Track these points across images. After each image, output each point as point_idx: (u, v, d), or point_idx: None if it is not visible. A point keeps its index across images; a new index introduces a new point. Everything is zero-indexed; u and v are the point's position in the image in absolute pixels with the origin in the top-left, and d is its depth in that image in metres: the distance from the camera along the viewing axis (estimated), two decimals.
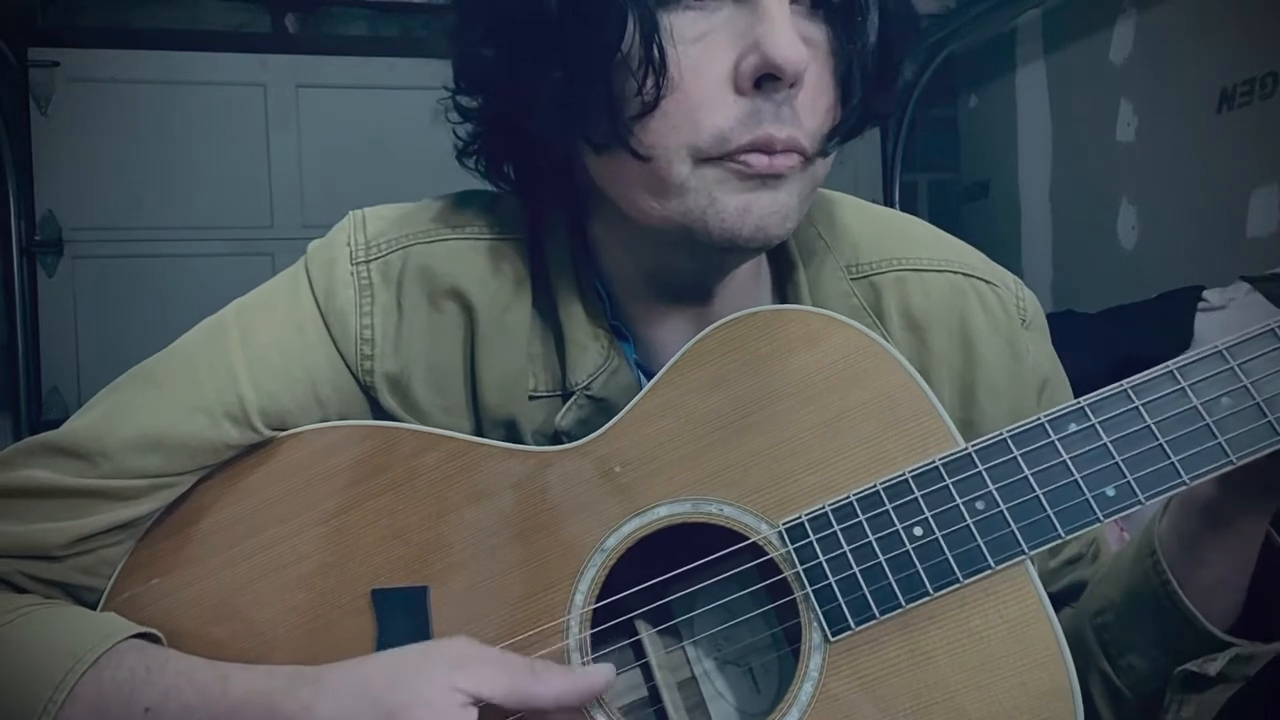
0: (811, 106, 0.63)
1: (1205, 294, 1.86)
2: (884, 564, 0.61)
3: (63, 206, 2.46)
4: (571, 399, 0.71)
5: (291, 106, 2.62)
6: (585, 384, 0.70)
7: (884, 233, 0.78)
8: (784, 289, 0.76)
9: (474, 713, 0.58)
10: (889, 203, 2.90)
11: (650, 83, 0.60)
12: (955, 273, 0.76)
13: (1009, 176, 2.73)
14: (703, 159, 0.62)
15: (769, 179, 0.62)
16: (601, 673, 0.61)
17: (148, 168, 2.51)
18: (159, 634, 0.66)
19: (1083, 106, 2.45)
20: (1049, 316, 0.80)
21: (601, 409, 0.70)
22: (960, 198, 2.98)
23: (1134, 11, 2.27)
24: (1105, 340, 1.91)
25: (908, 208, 2.92)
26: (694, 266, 0.70)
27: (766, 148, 0.61)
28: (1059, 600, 0.78)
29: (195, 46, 2.53)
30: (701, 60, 0.61)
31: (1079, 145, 2.48)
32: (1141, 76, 2.26)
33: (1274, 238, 1.91)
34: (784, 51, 0.59)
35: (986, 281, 0.77)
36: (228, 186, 2.57)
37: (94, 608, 0.68)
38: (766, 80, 0.61)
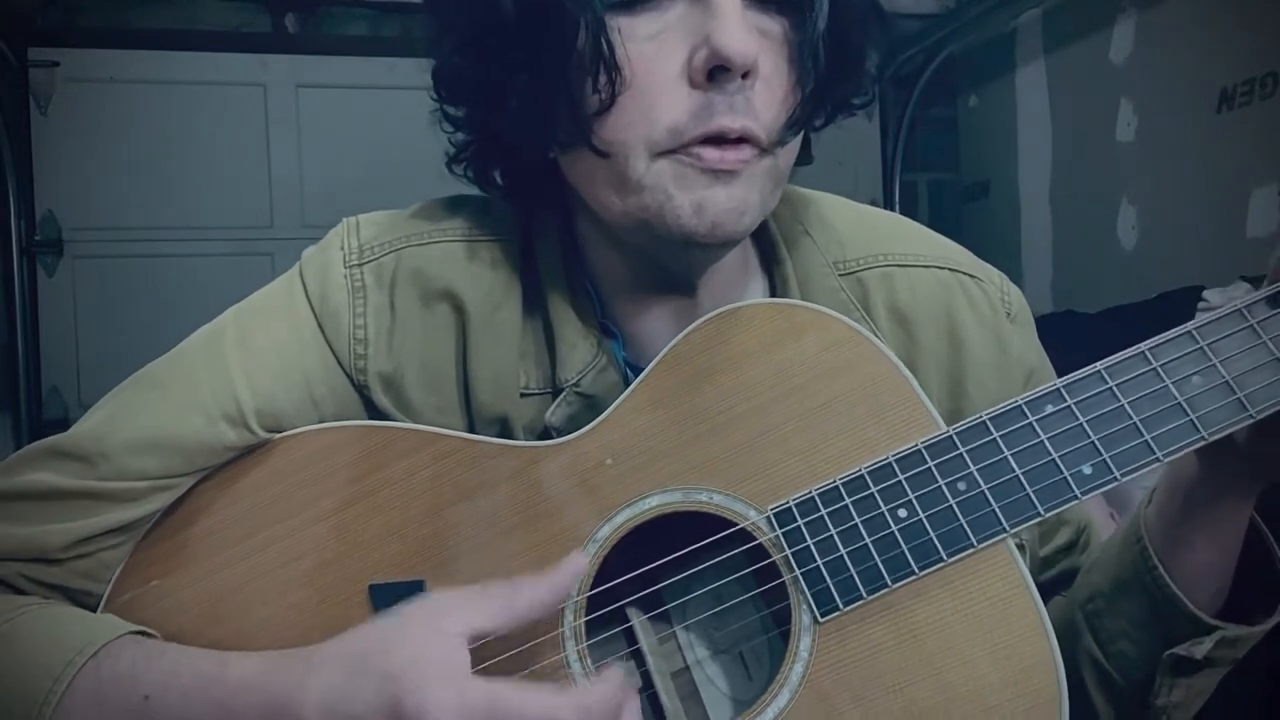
0: (768, 97, 0.64)
1: (1205, 294, 1.86)
2: (870, 545, 0.62)
3: (63, 206, 2.47)
4: (561, 396, 0.72)
5: (291, 106, 2.62)
6: (574, 381, 0.71)
7: (870, 230, 0.79)
8: (773, 285, 0.77)
9: (467, 652, 0.58)
10: (889, 202, 2.91)
11: (604, 81, 0.62)
12: (941, 268, 0.77)
13: (1009, 176, 2.74)
14: (659, 152, 0.63)
15: (723, 174, 0.63)
16: (575, 561, 0.63)
17: (148, 168, 2.51)
18: (154, 633, 0.66)
19: (1083, 106, 2.45)
20: (1049, 316, 0.81)
21: (590, 405, 0.71)
22: (960, 198, 2.99)
23: (1134, 11, 2.27)
24: (1105, 340, 1.90)
25: (908, 208, 2.93)
26: (671, 262, 0.71)
27: (719, 139, 0.62)
28: (1051, 588, 0.79)
29: (195, 46, 2.54)
30: (655, 57, 0.63)
31: (1079, 145, 2.49)
32: (1141, 76, 2.26)
33: (1274, 238, 1.91)
34: (732, 44, 0.60)
35: (972, 276, 0.78)
36: (228, 186, 2.58)
37: (94, 611, 0.69)
38: (718, 72, 0.62)
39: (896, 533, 0.62)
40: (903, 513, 0.62)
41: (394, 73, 2.61)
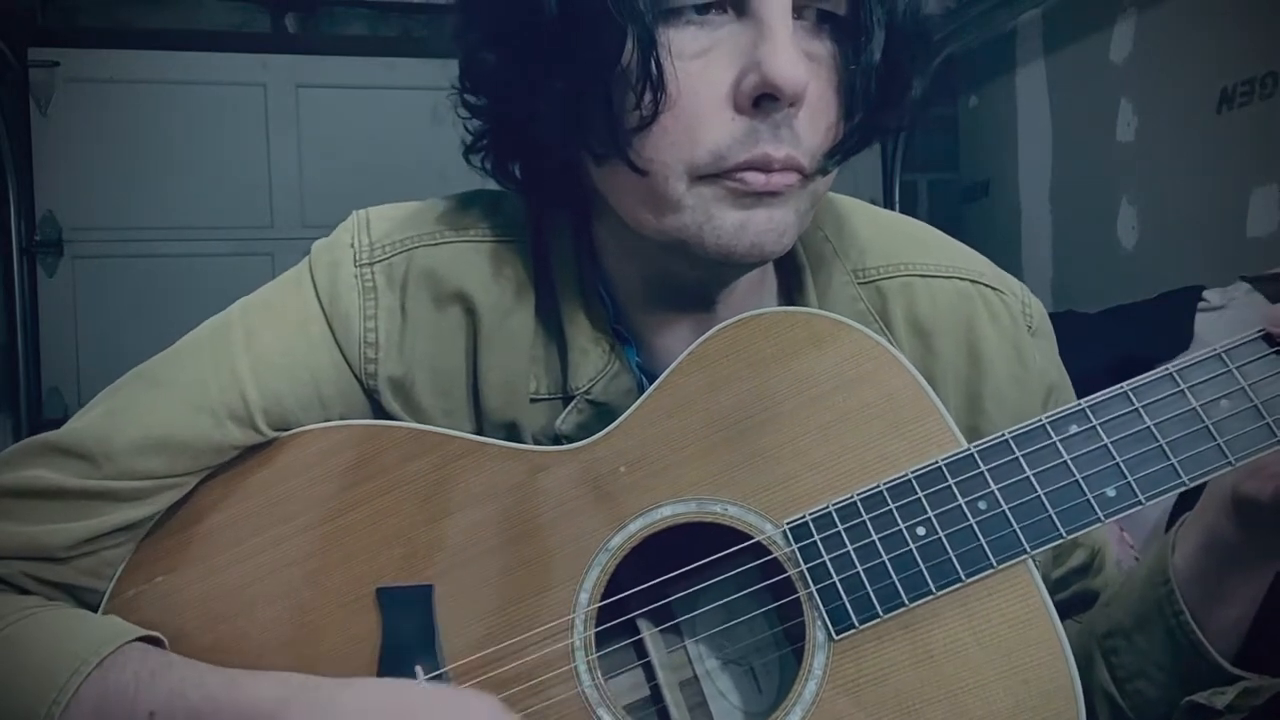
0: (812, 125, 0.62)
1: (1205, 294, 1.85)
2: (887, 563, 0.61)
3: (63, 206, 2.47)
4: (572, 403, 0.70)
5: (291, 106, 2.62)
6: (586, 388, 0.70)
7: (891, 238, 0.77)
8: (791, 294, 0.76)
9: None
10: (889, 202, 2.91)
11: (648, 98, 0.59)
12: (962, 279, 0.75)
13: (1009, 176, 2.73)
14: (699, 176, 0.62)
15: (766, 196, 0.62)
16: None
17: (148, 168, 2.51)
18: (162, 637, 0.66)
19: (1083, 106, 2.45)
20: (1049, 316, 0.80)
21: (601, 413, 0.70)
22: (960, 198, 2.98)
23: (1134, 11, 2.27)
24: (1105, 340, 1.91)
25: (908, 208, 2.93)
26: (695, 275, 0.69)
27: (763, 167, 0.61)
28: (1064, 610, 0.77)
29: (195, 46, 2.53)
30: (701, 77, 0.60)
31: (1079, 145, 2.48)
32: (1141, 76, 2.26)
33: (1274, 238, 1.91)
34: (784, 72, 0.58)
35: (993, 288, 0.76)
36: (228, 186, 2.58)
37: (96, 609, 0.68)
38: (766, 100, 0.60)
39: (914, 551, 0.61)
40: (921, 531, 0.61)
41: (394, 73, 2.61)
